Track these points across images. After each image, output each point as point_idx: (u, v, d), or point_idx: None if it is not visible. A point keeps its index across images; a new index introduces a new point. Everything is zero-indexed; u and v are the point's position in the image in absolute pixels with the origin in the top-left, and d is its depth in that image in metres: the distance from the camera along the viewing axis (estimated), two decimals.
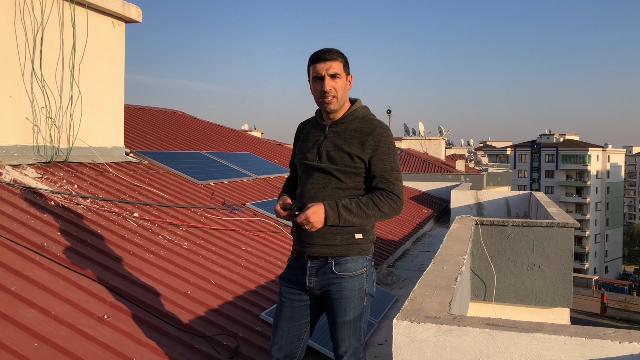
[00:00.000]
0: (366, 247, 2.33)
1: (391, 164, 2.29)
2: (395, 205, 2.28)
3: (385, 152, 2.29)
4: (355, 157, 2.27)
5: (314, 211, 2.21)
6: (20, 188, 3.94)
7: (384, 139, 2.30)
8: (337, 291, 2.27)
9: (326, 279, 2.29)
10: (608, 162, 74.38)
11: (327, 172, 2.31)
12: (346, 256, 2.28)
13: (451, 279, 2.72)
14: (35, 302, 2.70)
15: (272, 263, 4.61)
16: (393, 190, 2.28)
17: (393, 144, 2.34)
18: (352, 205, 2.24)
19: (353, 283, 2.27)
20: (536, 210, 8.23)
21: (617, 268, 70.82)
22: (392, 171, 2.29)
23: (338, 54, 2.32)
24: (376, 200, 2.25)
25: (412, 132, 32.43)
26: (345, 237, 2.28)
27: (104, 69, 5.48)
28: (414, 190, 14.50)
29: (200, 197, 5.64)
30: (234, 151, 9.17)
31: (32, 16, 4.64)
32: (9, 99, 4.49)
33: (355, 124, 2.34)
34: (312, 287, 2.32)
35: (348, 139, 2.31)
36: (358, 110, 2.38)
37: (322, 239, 2.27)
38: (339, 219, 2.23)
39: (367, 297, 2.32)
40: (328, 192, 2.30)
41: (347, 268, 2.27)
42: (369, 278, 2.33)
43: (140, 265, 3.59)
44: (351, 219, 2.24)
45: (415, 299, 2.32)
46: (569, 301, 4.98)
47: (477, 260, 5.07)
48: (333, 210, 2.23)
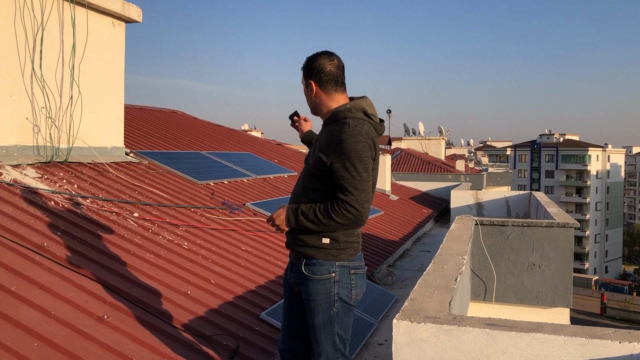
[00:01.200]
0: (335, 253, 2.30)
1: (351, 173, 2.17)
2: (350, 215, 2.18)
3: (346, 159, 2.18)
4: (321, 160, 2.26)
5: (278, 214, 2.34)
6: (20, 188, 3.94)
7: (347, 145, 2.18)
8: (305, 292, 2.33)
9: (299, 277, 2.36)
10: (608, 162, 74.38)
11: (305, 171, 2.41)
12: (313, 258, 2.31)
13: (451, 279, 2.72)
14: (35, 302, 2.70)
15: (272, 263, 4.62)
16: (348, 201, 2.17)
17: (359, 151, 2.19)
18: (309, 212, 2.25)
19: (318, 286, 2.29)
20: (536, 210, 8.23)
21: (617, 268, 70.81)
22: (351, 180, 2.17)
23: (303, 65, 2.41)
24: (331, 210, 2.20)
25: (412, 132, 32.44)
26: (312, 239, 2.30)
27: (104, 69, 5.48)
28: (414, 190, 14.50)
29: (200, 197, 5.64)
30: (234, 151, 9.17)
31: (32, 16, 4.63)
32: (9, 99, 4.49)
33: (330, 126, 2.32)
34: (292, 282, 2.42)
35: (322, 142, 2.32)
36: (341, 113, 2.32)
37: (297, 237, 2.35)
38: (297, 223, 2.28)
39: (339, 302, 2.29)
40: (300, 191, 2.39)
41: (314, 270, 2.30)
42: (340, 284, 2.29)
43: (140, 265, 3.59)
44: (308, 225, 2.26)
45: (415, 299, 2.32)
46: (569, 301, 4.98)
47: (477, 260, 5.07)
48: (293, 214, 2.29)
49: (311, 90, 2.37)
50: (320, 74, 2.34)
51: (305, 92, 2.43)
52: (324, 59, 2.35)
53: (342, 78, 2.38)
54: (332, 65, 2.34)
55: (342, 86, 2.38)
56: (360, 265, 2.38)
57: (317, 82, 2.36)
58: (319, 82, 2.35)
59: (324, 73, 2.34)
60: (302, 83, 2.44)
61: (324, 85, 2.35)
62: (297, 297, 2.43)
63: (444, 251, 3.57)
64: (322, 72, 2.34)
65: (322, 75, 2.34)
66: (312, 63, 2.36)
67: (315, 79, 2.35)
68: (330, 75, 2.34)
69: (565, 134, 76.54)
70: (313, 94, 2.38)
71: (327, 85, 2.35)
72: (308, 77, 2.38)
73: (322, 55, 2.37)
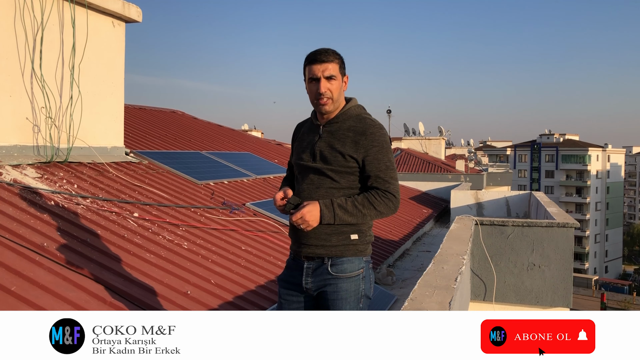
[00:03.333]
0: (362, 248, 2.31)
1: (385, 163, 2.27)
2: (391, 204, 2.27)
3: (379, 151, 2.26)
4: (349, 156, 2.26)
5: (309, 210, 2.20)
6: (20, 188, 3.94)
7: (378, 137, 2.27)
8: (333, 292, 2.26)
9: (322, 279, 2.28)
10: (608, 162, 74.38)
11: (321, 172, 2.31)
12: (342, 257, 2.27)
13: (451, 279, 2.72)
14: (35, 302, 2.70)
15: (272, 263, 4.62)
16: (389, 190, 2.26)
17: (387, 143, 2.31)
18: (347, 204, 2.23)
19: (349, 284, 2.26)
20: (536, 210, 8.24)
21: (617, 268, 70.82)
22: (387, 170, 2.27)
23: (334, 55, 2.30)
24: (372, 199, 2.24)
25: (412, 132, 32.43)
26: (340, 237, 2.26)
27: (104, 69, 5.48)
28: (414, 190, 14.50)
29: (200, 197, 5.64)
30: (234, 151, 9.17)
31: (32, 16, 4.64)
32: (9, 99, 4.49)
33: (348, 123, 2.32)
34: (308, 288, 2.32)
35: (341, 139, 2.29)
36: (352, 109, 2.35)
37: (318, 239, 2.26)
38: (334, 217, 2.21)
39: (364, 299, 2.30)
40: (322, 192, 2.29)
41: (344, 269, 2.26)
42: (365, 280, 2.31)
43: (140, 265, 3.59)
44: (347, 217, 2.22)
45: (415, 299, 2.33)
46: (569, 301, 4.98)
47: (477, 260, 5.07)
48: (328, 209, 2.21)
49: (344, 84, 2.37)
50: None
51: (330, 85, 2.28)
52: None
53: None
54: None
55: None
56: (369, 259, 2.41)
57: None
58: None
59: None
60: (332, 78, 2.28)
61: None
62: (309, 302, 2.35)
63: (444, 251, 3.57)
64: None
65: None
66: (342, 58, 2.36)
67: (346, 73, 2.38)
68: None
69: (565, 134, 76.53)
70: (345, 89, 2.38)
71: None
72: (344, 72, 2.36)
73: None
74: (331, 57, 2.29)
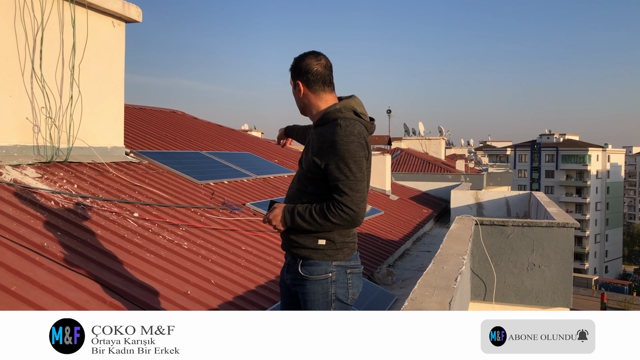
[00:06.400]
0: (332, 254, 2.29)
1: (345, 173, 2.16)
2: (346, 216, 2.17)
3: (339, 160, 2.16)
4: (314, 162, 2.25)
5: (275, 214, 2.30)
6: (20, 188, 3.94)
7: (340, 146, 2.16)
8: (302, 293, 2.31)
9: (295, 278, 2.33)
10: (608, 162, 74.36)
11: (298, 174, 2.39)
12: (310, 259, 2.29)
13: (451, 279, 2.72)
14: (35, 302, 2.70)
15: (272, 263, 4.61)
16: (343, 202, 2.16)
17: (351, 152, 2.18)
18: (305, 213, 2.23)
19: (316, 287, 2.27)
20: (536, 210, 8.24)
21: (617, 268, 70.80)
22: (346, 180, 2.16)
23: (291, 66, 2.38)
24: (327, 210, 2.19)
25: (412, 132, 32.44)
26: (309, 240, 2.28)
27: (104, 69, 5.48)
28: (414, 190, 14.50)
29: (200, 197, 5.64)
30: (234, 151, 9.17)
31: (32, 16, 4.63)
32: (9, 99, 4.49)
33: (321, 129, 2.29)
34: (288, 283, 2.39)
35: (314, 144, 2.29)
36: (331, 114, 2.29)
37: (293, 239, 2.32)
38: (292, 223, 2.26)
39: (336, 302, 2.29)
40: (294, 194, 2.36)
41: (311, 271, 2.28)
42: (337, 284, 2.29)
43: (140, 265, 3.59)
44: (304, 225, 2.24)
45: (415, 299, 2.32)
46: (569, 301, 4.98)
47: (477, 260, 5.07)
48: (290, 215, 2.27)
49: (299, 91, 2.35)
50: (307, 74, 2.31)
51: (293, 92, 2.39)
52: (310, 59, 2.31)
53: (330, 78, 2.34)
54: (319, 65, 2.31)
55: (331, 86, 2.35)
56: (357, 265, 2.37)
57: (305, 83, 2.33)
58: (307, 82, 2.32)
59: (311, 73, 2.30)
60: (291, 84, 2.41)
61: (311, 85, 2.32)
62: (294, 299, 2.41)
63: (444, 251, 3.57)
64: (310, 72, 2.30)
65: (310, 76, 2.31)
66: (299, 63, 2.32)
67: (302, 79, 2.33)
68: (318, 75, 2.30)
69: (565, 134, 76.52)
70: (301, 95, 2.35)
71: (314, 85, 2.32)
72: (295, 78, 2.35)
73: (309, 55, 2.33)
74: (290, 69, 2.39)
